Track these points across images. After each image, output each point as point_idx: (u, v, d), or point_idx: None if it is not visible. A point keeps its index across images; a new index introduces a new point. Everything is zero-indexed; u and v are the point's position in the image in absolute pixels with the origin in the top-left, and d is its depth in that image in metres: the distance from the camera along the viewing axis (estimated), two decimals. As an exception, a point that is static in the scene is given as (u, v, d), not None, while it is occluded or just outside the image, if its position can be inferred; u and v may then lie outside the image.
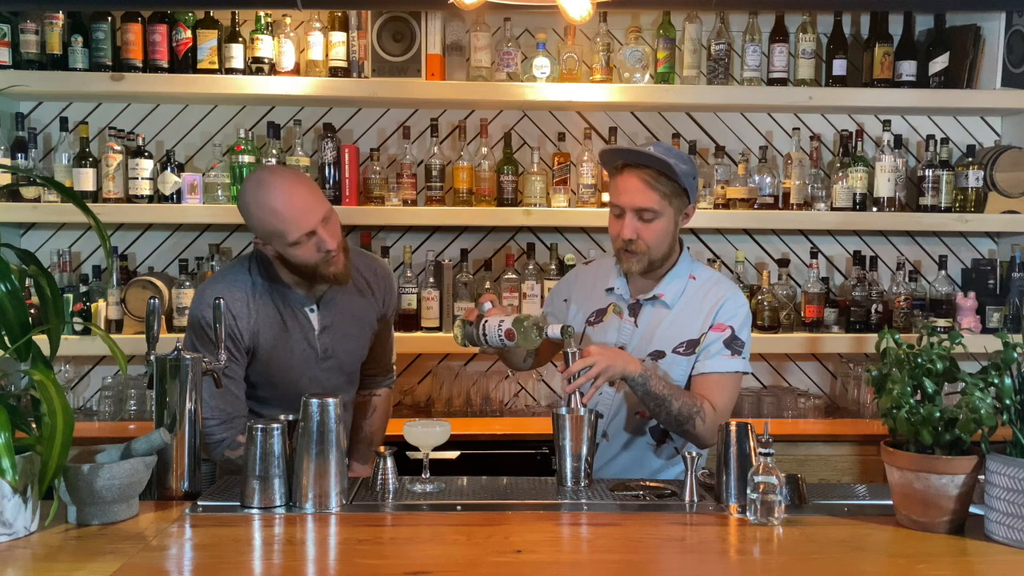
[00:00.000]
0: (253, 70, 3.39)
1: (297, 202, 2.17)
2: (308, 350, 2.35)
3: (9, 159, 3.36)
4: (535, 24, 3.58)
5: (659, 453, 2.33)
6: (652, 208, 2.12)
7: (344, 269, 2.27)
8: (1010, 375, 1.79)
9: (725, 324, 2.21)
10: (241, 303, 2.28)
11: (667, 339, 2.23)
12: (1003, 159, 3.49)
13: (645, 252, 2.17)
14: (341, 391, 2.38)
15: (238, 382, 2.31)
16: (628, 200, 2.13)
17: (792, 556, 1.74)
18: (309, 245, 2.18)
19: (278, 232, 2.18)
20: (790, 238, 3.73)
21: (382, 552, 1.75)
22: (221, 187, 3.42)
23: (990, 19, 3.54)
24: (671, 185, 2.14)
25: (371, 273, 2.48)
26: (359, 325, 2.45)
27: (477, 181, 3.48)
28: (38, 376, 1.79)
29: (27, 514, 1.78)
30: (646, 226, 2.14)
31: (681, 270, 2.25)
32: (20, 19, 3.34)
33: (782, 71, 3.52)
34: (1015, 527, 1.74)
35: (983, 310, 3.53)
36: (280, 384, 2.37)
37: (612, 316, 2.29)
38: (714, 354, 2.20)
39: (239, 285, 2.30)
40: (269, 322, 2.31)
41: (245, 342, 2.29)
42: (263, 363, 2.33)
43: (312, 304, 2.36)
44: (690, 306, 2.23)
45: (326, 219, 2.21)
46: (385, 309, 2.52)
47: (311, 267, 2.22)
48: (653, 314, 2.25)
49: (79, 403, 3.55)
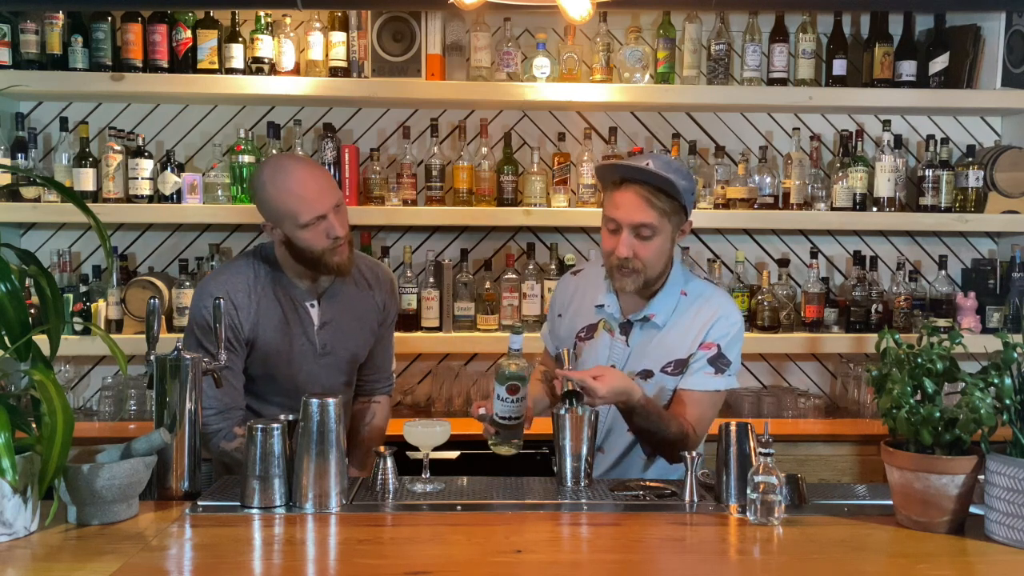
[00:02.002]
0: (253, 70, 3.39)
1: (313, 185, 2.22)
2: (307, 344, 2.37)
3: (9, 159, 3.36)
4: (535, 24, 3.58)
5: (651, 464, 2.33)
6: (651, 224, 2.06)
7: (347, 261, 2.29)
8: (1010, 375, 1.79)
9: (713, 342, 2.17)
10: (243, 294, 2.31)
11: (656, 359, 2.20)
12: (1003, 159, 3.49)
13: (641, 271, 2.11)
14: (339, 391, 2.40)
15: (236, 374, 2.32)
16: (626, 216, 2.06)
17: (792, 556, 1.74)
18: (319, 229, 2.21)
19: (291, 213, 2.21)
20: (790, 238, 3.73)
21: (382, 552, 1.75)
22: (221, 187, 3.42)
23: (990, 19, 3.54)
24: (671, 202, 2.08)
25: (373, 276, 2.51)
26: (359, 324, 2.47)
27: (477, 181, 3.48)
28: (38, 376, 1.79)
29: (27, 514, 1.78)
30: (643, 244, 2.08)
31: (672, 287, 2.20)
32: (20, 19, 3.34)
33: (782, 71, 3.52)
34: (1015, 527, 1.74)
35: (983, 310, 3.53)
36: (279, 379, 2.38)
37: (603, 333, 2.26)
38: (696, 371, 2.17)
39: (242, 277, 2.33)
40: (269, 314, 2.33)
41: (245, 333, 2.32)
42: (262, 355, 2.35)
43: (313, 300, 2.38)
44: (680, 324, 2.19)
45: (338, 206, 2.26)
46: (385, 313, 2.55)
47: (316, 254, 2.24)
48: (643, 334, 2.21)
49: (79, 403, 3.55)
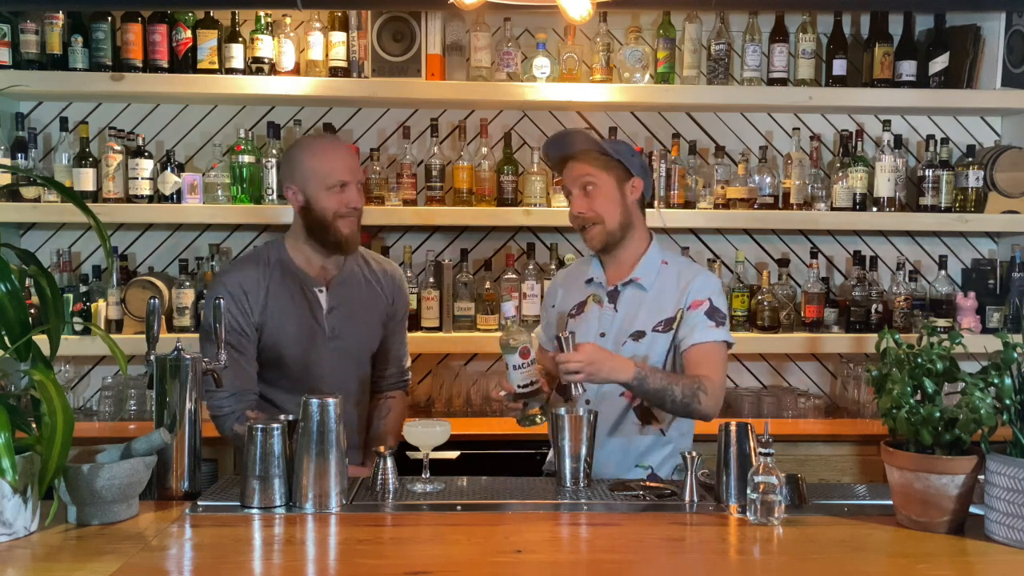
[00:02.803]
0: (253, 70, 3.39)
1: (343, 154, 2.48)
2: (316, 327, 2.48)
3: (9, 159, 3.36)
4: (535, 24, 3.58)
5: (644, 433, 2.39)
6: (590, 174, 2.33)
7: (353, 236, 2.47)
8: (1010, 375, 1.80)
9: (701, 299, 2.34)
10: (253, 280, 2.46)
11: (646, 319, 2.36)
12: (1003, 159, 3.49)
13: (599, 221, 2.34)
14: (349, 380, 2.51)
15: (248, 358, 2.44)
16: (570, 177, 2.36)
17: (792, 556, 1.74)
18: (338, 195, 2.41)
19: (319, 173, 2.41)
20: (790, 238, 3.73)
21: (382, 552, 1.75)
22: (221, 187, 3.42)
23: (990, 19, 3.53)
24: (602, 159, 2.35)
25: (381, 271, 2.64)
26: (367, 312, 2.57)
27: (477, 181, 3.48)
28: (38, 376, 1.79)
29: (27, 514, 1.78)
30: (591, 196, 2.33)
31: (653, 256, 2.42)
32: (20, 19, 3.34)
33: (782, 71, 3.52)
34: (1015, 527, 1.74)
35: (983, 310, 3.52)
36: (289, 364, 2.47)
37: (592, 305, 2.43)
38: (699, 327, 2.31)
39: (252, 265, 2.50)
40: (279, 298, 2.47)
41: (255, 317, 2.44)
42: (272, 339, 2.46)
43: (322, 286, 2.51)
44: (665, 287, 2.38)
45: (359, 183, 2.47)
46: (395, 308, 2.65)
47: (329, 219, 2.42)
48: (631, 297, 2.39)
49: (79, 403, 3.55)
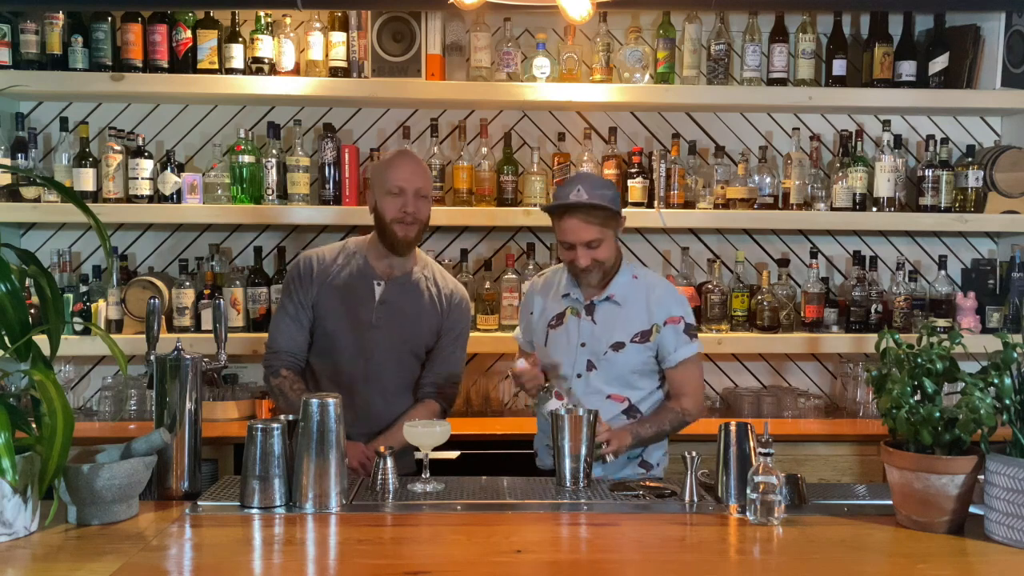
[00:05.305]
0: (253, 70, 3.39)
1: (408, 167, 2.65)
2: (362, 311, 2.64)
3: (9, 159, 3.36)
4: (535, 24, 3.58)
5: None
6: (597, 238, 2.47)
7: (406, 239, 2.63)
8: (1010, 375, 1.80)
9: (676, 315, 2.56)
10: (324, 259, 2.69)
11: (623, 331, 2.54)
12: (1003, 159, 3.49)
13: (599, 267, 2.52)
14: (385, 372, 2.63)
15: (300, 326, 2.66)
16: (575, 238, 2.47)
17: (792, 556, 1.74)
18: (395, 200, 2.59)
19: (382, 179, 2.64)
20: (790, 238, 3.73)
21: (382, 552, 1.75)
22: (221, 187, 3.42)
23: (990, 19, 3.54)
24: (606, 214, 2.46)
25: (447, 289, 2.76)
26: (415, 314, 2.68)
27: (477, 181, 3.48)
28: (38, 376, 1.79)
29: (27, 514, 1.78)
30: (596, 251, 2.49)
31: (624, 274, 2.60)
32: (20, 19, 3.34)
33: (782, 71, 3.52)
34: (1015, 527, 1.74)
35: (983, 310, 3.52)
36: (333, 339, 2.64)
37: (570, 317, 2.59)
38: (681, 345, 2.54)
39: (332, 247, 2.76)
40: (340, 277, 2.66)
41: (313, 292, 2.65)
42: (321, 318, 2.65)
43: (381, 280, 2.68)
44: (638, 301, 2.57)
45: (418, 194, 2.62)
46: (448, 325, 2.74)
47: (385, 222, 2.62)
48: (607, 311, 2.57)
49: (79, 403, 3.55)
